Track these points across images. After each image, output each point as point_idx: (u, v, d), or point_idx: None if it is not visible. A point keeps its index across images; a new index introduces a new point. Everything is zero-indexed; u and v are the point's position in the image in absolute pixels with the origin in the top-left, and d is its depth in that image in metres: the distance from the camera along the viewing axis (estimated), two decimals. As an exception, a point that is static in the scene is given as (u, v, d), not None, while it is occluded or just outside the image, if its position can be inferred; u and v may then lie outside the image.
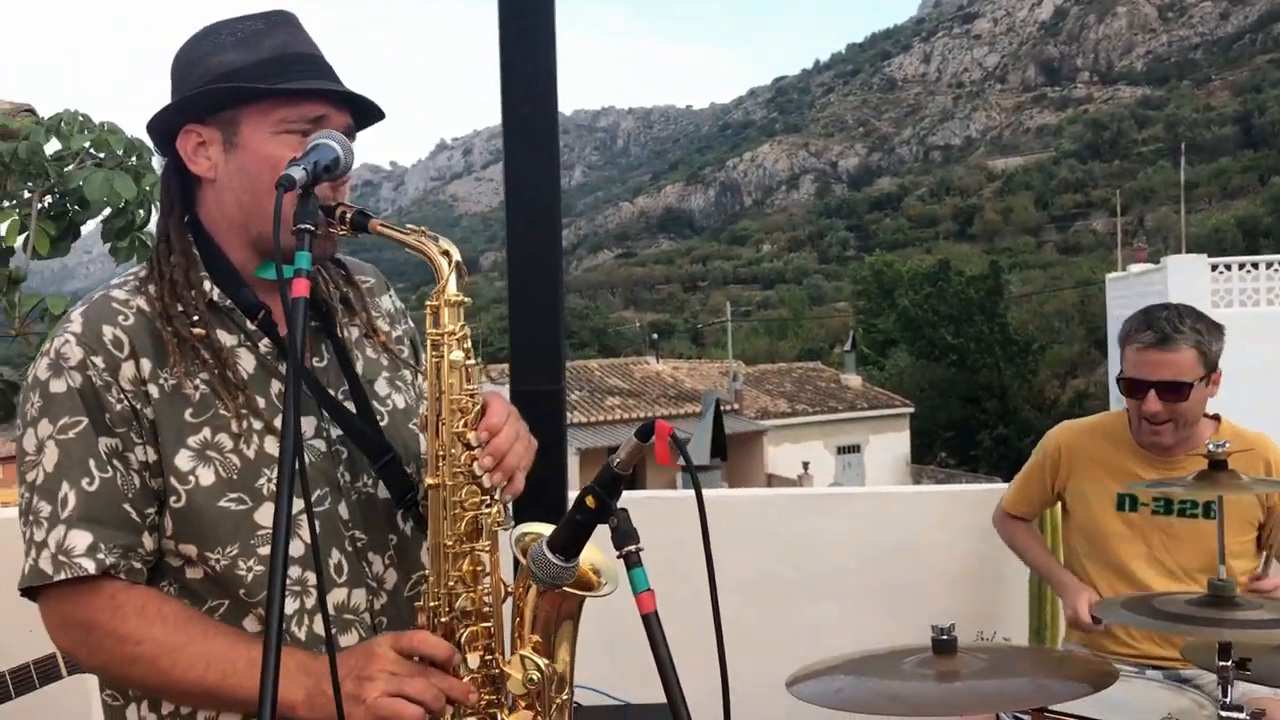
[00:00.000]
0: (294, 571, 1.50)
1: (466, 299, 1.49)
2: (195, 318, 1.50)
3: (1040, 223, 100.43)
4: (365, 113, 1.63)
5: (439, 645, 1.44)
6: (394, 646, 1.43)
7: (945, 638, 2.23)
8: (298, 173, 1.36)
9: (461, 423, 1.47)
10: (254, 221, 1.53)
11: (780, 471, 31.01)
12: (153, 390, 1.47)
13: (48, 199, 2.74)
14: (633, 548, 1.28)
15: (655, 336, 51.31)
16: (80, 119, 2.95)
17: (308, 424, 1.54)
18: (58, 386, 1.45)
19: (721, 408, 18.68)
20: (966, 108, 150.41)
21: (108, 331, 1.47)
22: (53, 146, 2.85)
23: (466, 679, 1.45)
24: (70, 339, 1.47)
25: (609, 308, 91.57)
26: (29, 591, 1.45)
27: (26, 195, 2.81)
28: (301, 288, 1.29)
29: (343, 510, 1.56)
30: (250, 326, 1.54)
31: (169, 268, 1.52)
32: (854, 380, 37.53)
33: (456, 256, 1.47)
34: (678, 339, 67.75)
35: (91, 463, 1.44)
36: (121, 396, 1.46)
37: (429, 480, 1.47)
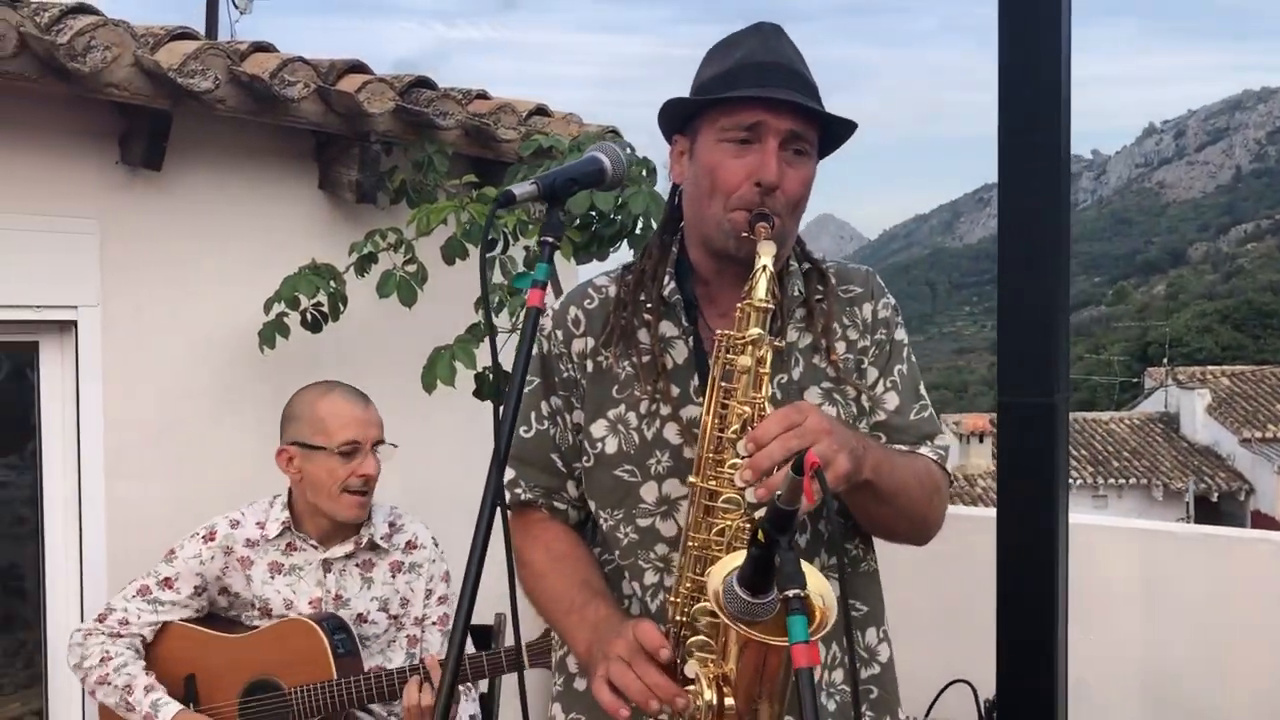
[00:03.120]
0: (660, 549, 1.62)
1: (770, 305, 1.49)
2: (649, 306, 1.66)
3: None
4: (837, 124, 1.62)
5: (653, 638, 1.41)
6: (632, 629, 1.44)
7: None
8: (520, 189, 1.42)
9: (734, 429, 1.45)
10: (699, 224, 1.65)
11: None
12: (589, 365, 1.68)
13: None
14: (793, 592, 1.10)
15: None
16: (594, 134, 3.27)
17: None
18: (535, 350, 1.69)
19: None
20: None
21: (572, 311, 1.71)
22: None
23: (690, 687, 1.39)
24: (550, 313, 1.74)
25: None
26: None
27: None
28: (536, 298, 1.39)
29: None
30: (685, 322, 1.66)
31: (646, 261, 1.71)
32: None
33: (766, 263, 1.49)
34: None
35: (532, 415, 1.71)
36: (569, 366, 1.69)
37: (690, 479, 1.49)
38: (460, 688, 2.60)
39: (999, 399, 2.74)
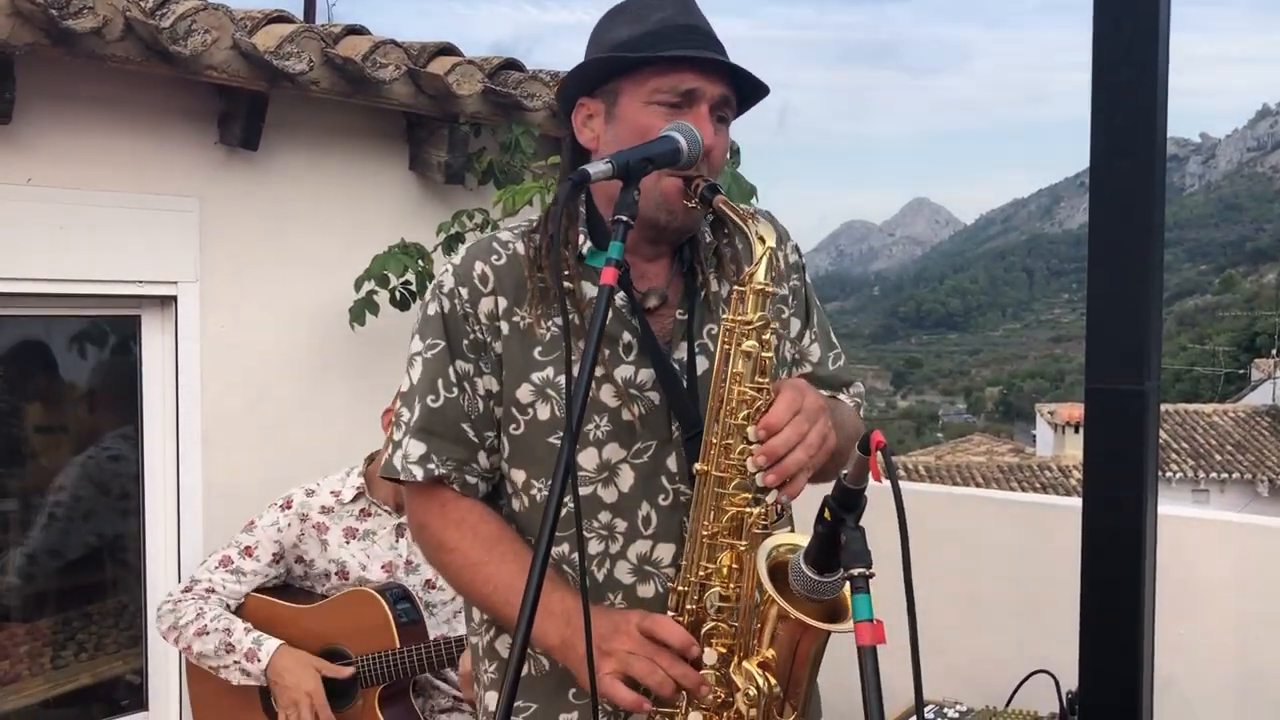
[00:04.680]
0: (604, 516, 1.54)
1: (774, 289, 1.45)
2: (566, 271, 1.56)
3: None
4: (752, 89, 1.59)
5: (677, 633, 1.39)
6: (639, 626, 1.41)
7: None
8: (596, 168, 1.36)
9: (743, 415, 1.40)
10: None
11: None
12: (503, 326, 1.56)
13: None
14: (858, 571, 1.10)
15: None
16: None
17: (649, 375, 1.55)
18: (432, 309, 1.59)
19: None
20: None
21: (478, 267, 1.58)
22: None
23: (703, 672, 1.38)
24: (450, 269, 1.61)
25: None
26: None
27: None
28: (610, 276, 1.31)
29: (671, 464, 1.54)
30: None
31: (553, 223, 1.55)
32: None
33: (771, 243, 1.43)
34: None
35: (439, 382, 1.57)
36: (476, 327, 1.56)
37: (698, 465, 1.43)
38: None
39: (1087, 385, 2.67)
